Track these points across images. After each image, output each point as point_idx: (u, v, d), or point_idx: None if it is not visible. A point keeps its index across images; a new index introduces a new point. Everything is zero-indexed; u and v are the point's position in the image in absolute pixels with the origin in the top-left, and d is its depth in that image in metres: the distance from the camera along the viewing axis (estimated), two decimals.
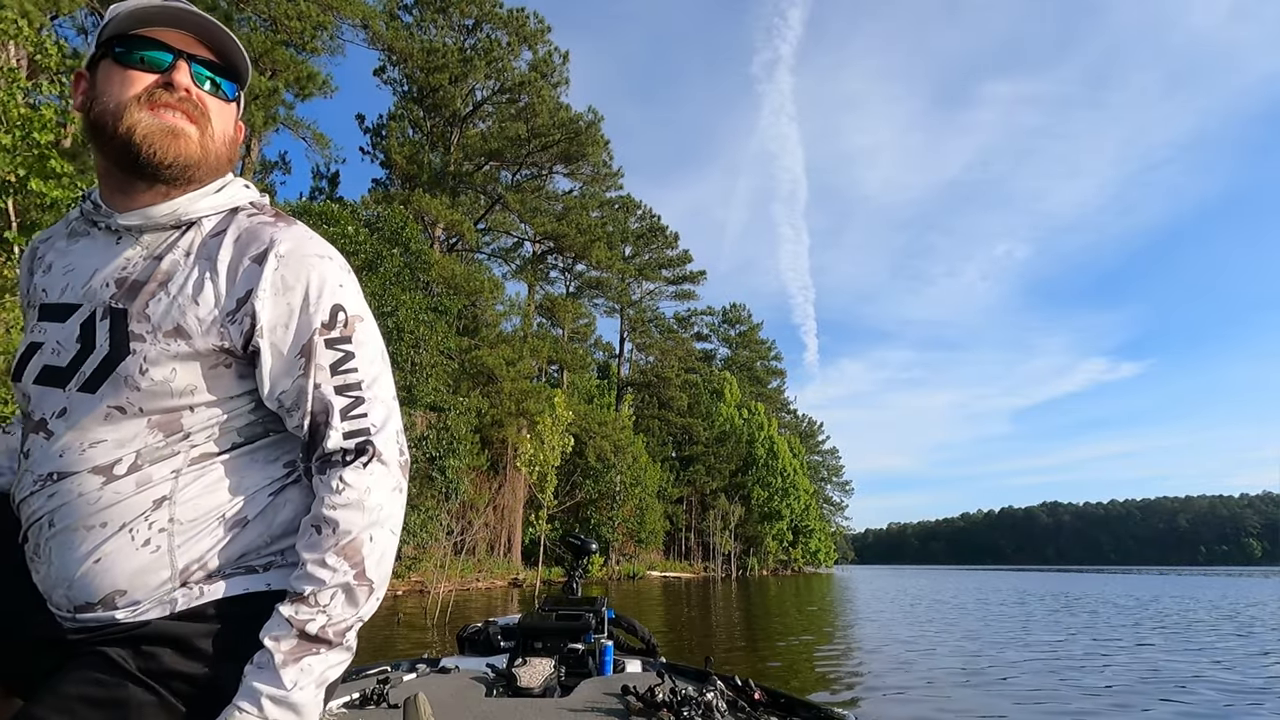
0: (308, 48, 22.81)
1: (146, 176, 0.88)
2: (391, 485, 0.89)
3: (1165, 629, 10.89)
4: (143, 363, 0.83)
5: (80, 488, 0.82)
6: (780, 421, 65.27)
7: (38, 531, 0.85)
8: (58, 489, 0.83)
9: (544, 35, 28.96)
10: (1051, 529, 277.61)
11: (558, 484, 22.84)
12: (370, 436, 0.88)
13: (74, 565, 0.82)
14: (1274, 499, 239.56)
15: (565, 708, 2.02)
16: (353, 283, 0.95)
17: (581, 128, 29.27)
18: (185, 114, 0.87)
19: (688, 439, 47.93)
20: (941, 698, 5.37)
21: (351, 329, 0.90)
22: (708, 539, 48.24)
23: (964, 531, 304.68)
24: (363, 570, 0.84)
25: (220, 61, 0.92)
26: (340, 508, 0.84)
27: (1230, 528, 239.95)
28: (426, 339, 19.14)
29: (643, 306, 47.52)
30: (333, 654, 0.83)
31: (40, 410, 0.87)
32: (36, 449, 0.86)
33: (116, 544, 0.81)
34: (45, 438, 0.86)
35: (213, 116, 0.90)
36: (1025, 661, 7.28)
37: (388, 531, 0.87)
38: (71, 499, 0.82)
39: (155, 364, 0.83)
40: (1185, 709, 5.07)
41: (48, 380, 0.87)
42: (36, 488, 0.85)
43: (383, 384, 0.93)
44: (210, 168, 0.91)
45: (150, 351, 0.83)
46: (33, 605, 0.87)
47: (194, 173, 0.89)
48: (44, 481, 0.84)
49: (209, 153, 0.89)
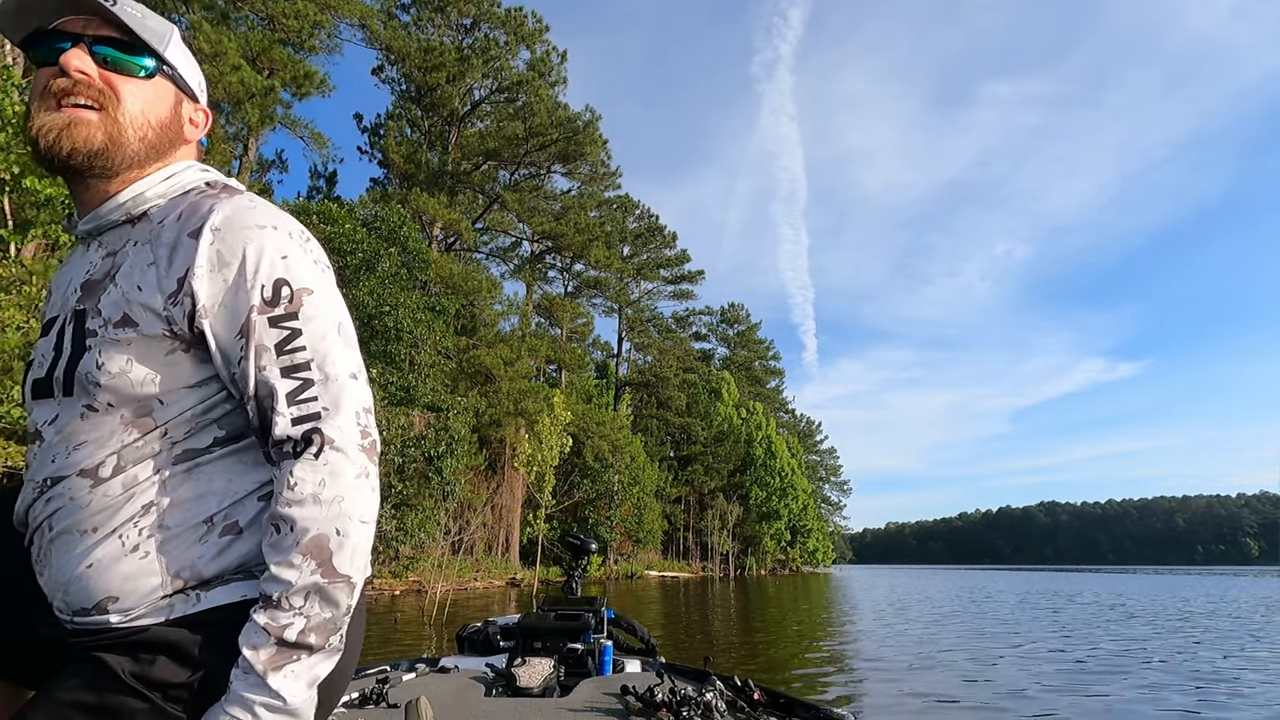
0: (305, 46, 22.79)
1: (71, 177, 0.86)
2: (353, 473, 0.82)
3: (1113, 622, 10.93)
4: (98, 357, 0.82)
5: (72, 491, 0.82)
6: (778, 421, 65.30)
7: (39, 536, 0.86)
8: (53, 493, 0.84)
9: (542, 34, 28.95)
10: (1049, 529, 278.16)
11: (556, 484, 22.83)
12: (319, 423, 0.81)
13: (69, 570, 0.82)
14: (1271, 499, 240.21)
15: (564, 708, 2.02)
16: (301, 252, 0.87)
17: (579, 127, 29.25)
18: (87, 99, 0.82)
19: (686, 439, 47.96)
20: (940, 697, 5.37)
21: (298, 304, 0.84)
22: (706, 539, 48.27)
23: (962, 531, 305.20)
24: (332, 567, 0.79)
25: (124, 37, 0.85)
26: (295, 504, 0.79)
27: (1227, 527, 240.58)
28: (424, 339, 19.12)
29: (641, 306, 47.56)
30: (319, 659, 0.79)
31: (36, 422, 0.88)
32: (33, 458, 0.88)
33: (108, 549, 0.81)
34: (39, 445, 0.87)
35: (124, 96, 0.85)
36: (1020, 660, 7.29)
37: (356, 522, 0.81)
38: (65, 503, 0.83)
39: (110, 357, 0.81)
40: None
41: (38, 393, 0.88)
42: (35, 494, 0.86)
43: (336, 361, 0.85)
44: (133, 152, 0.86)
45: (104, 345, 0.82)
46: (42, 605, 0.86)
47: (109, 159, 0.84)
48: (41, 487, 0.85)
49: (124, 135, 0.85)
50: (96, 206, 0.88)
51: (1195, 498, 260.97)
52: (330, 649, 0.80)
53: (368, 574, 0.84)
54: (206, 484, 0.85)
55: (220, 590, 0.83)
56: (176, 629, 0.81)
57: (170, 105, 0.91)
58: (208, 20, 18.66)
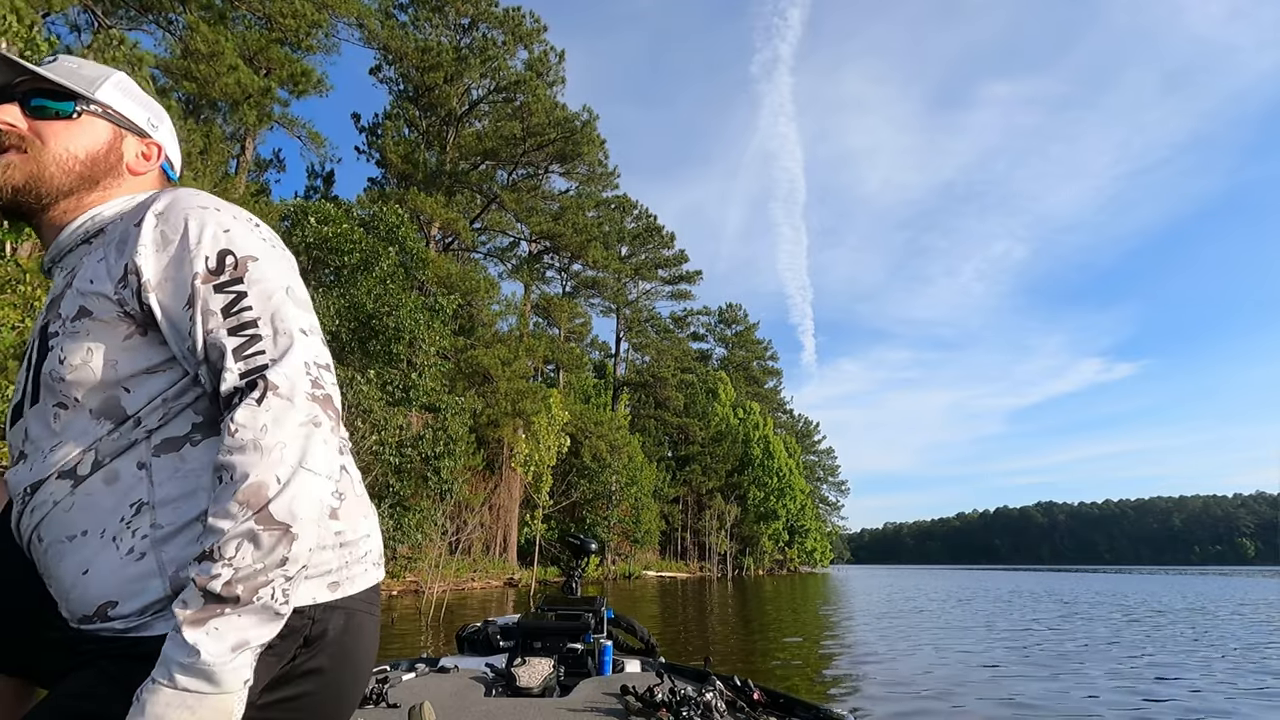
0: (302, 46, 22.76)
1: (17, 217, 0.95)
2: (298, 420, 0.78)
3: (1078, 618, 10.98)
4: (60, 354, 0.85)
5: (54, 495, 0.83)
6: (776, 421, 65.35)
7: (34, 550, 0.86)
8: (35, 502, 0.85)
9: (540, 34, 28.96)
10: (1046, 528, 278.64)
11: (553, 484, 22.83)
12: (265, 371, 0.80)
13: (67, 578, 0.82)
14: (1267, 499, 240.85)
15: (564, 707, 2.01)
16: (246, 229, 0.89)
17: (577, 127, 29.25)
18: (11, 144, 0.91)
19: (684, 439, 47.97)
20: (937, 695, 5.38)
21: (243, 270, 0.84)
22: (704, 539, 48.29)
23: (959, 531, 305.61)
24: (268, 514, 0.74)
25: (54, 88, 0.94)
26: (235, 451, 0.75)
27: (1224, 527, 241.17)
28: (422, 339, 19.10)
29: (639, 306, 47.56)
30: (248, 617, 0.73)
31: (15, 446, 0.90)
32: (13, 476, 0.89)
33: (103, 554, 0.81)
34: (21, 462, 0.88)
35: (47, 138, 0.93)
36: (1011, 657, 7.31)
37: (304, 471, 0.77)
38: (49, 509, 0.83)
39: (70, 351, 0.84)
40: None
41: (14, 418, 0.91)
42: (20, 506, 0.87)
43: (285, 316, 0.84)
44: (58, 184, 0.94)
45: (64, 341, 0.85)
46: (53, 605, 0.87)
47: (33, 193, 0.92)
48: (23, 498, 0.86)
49: (44, 170, 0.92)
50: (55, 239, 0.96)
51: (1192, 498, 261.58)
52: (261, 607, 0.74)
53: (311, 530, 0.78)
54: (195, 480, 0.83)
55: None
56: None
57: (104, 140, 0.97)
58: (205, 20, 18.62)
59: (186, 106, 19.96)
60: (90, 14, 18.36)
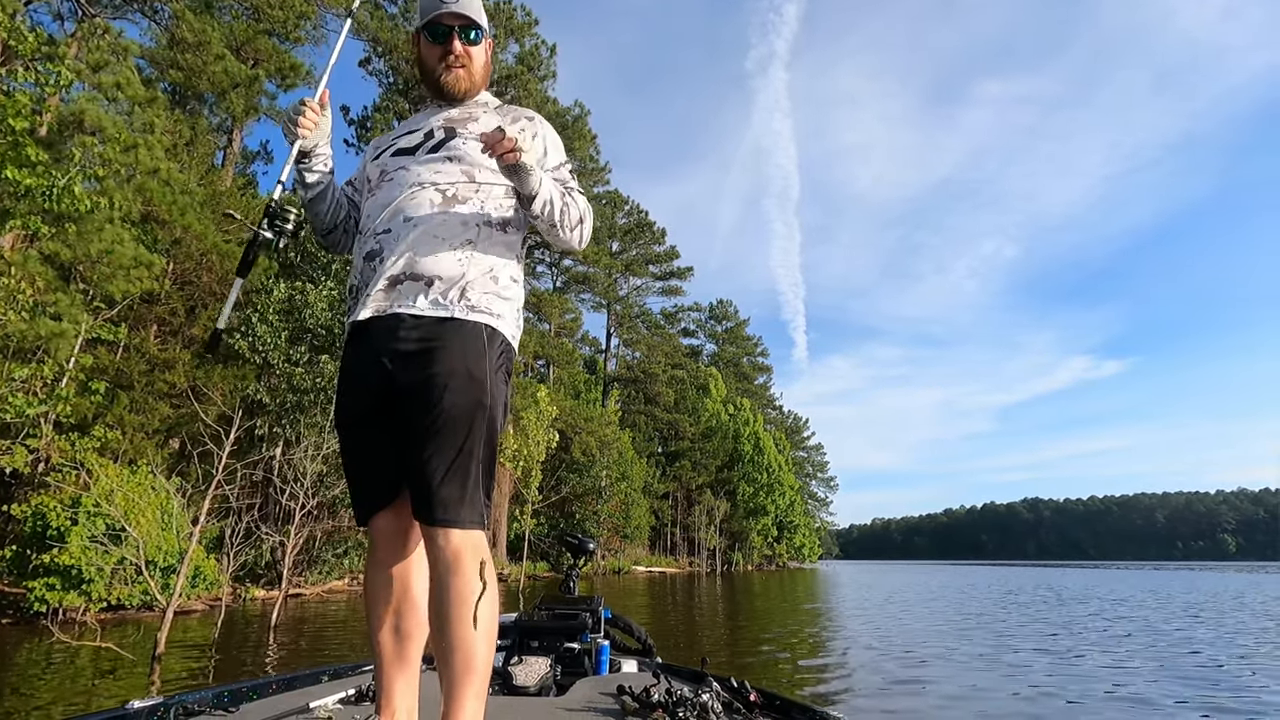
0: (290, 37, 22.52)
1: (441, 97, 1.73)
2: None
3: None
4: (461, 143, 1.60)
5: (430, 198, 1.52)
6: (766, 418, 65.49)
7: (400, 224, 1.50)
8: (416, 196, 1.52)
9: (532, 28, 28.76)
10: (1032, 525, 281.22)
11: (543, 479, 22.79)
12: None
13: (420, 249, 1.48)
14: (1248, 495, 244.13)
15: (560, 707, 1.99)
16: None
17: (568, 122, 29.14)
18: (461, 63, 1.68)
19: (674, 434, 48.00)
20: (934, 695, 5.40)
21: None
22: (693, 534, 48.40)
23: (947, 527, 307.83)
24: (581, 219, 1.64)
25: (471, 20, 1.66)
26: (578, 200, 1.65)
27: (1206, 524, 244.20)
28: None
29: (630, 302, 47.50)
30: (533, 178, 1.49)
31: (394, 164, 1.60)
32: (399, 173, 1.58)
33: (446, 249, 1.49)
34: (404, 171, 1.57)
35: (474, 58, 1.71)
36: (1001, 655, 7.36)
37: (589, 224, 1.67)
38: (425, 206, 1.51)
39: (469, 144, 1.59)
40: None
41: (398, 154, 1.62)
42: (400, 193, 1.54)
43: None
44: (477, 87, 1.75)
45: (467, 139, 1.60)
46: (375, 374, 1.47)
47: (471, 94, 1.75)
48: (412, 189, 1.53)
49: (475, 76, 1.72)
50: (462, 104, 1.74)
51: (1175, 494, 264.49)
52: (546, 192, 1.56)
53: (581, 229, 1.66)
54: (493, 247, 1.55)
55: (484, 308, 1.51)
56: (449, 323, 1.47)
57: (489, 54, 1.76)
58: (191, 10, 18.36)
59: (173, 97, 19.70)
60: (74, 2, 18.06)
